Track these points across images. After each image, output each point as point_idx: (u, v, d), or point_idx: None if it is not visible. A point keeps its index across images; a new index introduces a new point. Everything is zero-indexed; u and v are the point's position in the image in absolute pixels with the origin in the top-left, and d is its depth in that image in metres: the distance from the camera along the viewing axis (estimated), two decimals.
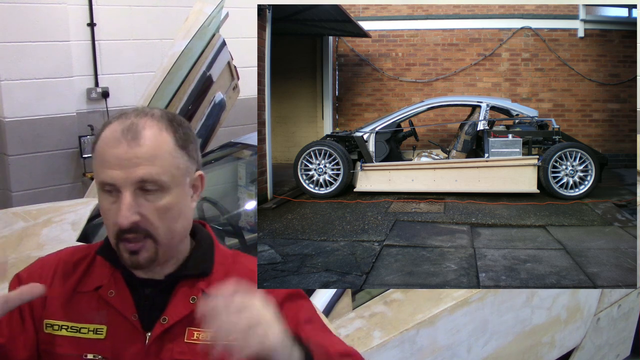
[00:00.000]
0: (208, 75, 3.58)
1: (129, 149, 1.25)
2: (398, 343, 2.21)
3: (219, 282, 1.35)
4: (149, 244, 1.28)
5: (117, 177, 1.24)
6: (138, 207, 1.25)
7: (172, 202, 1.29)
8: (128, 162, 1.24)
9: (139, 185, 1.25)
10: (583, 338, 3.19)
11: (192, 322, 1.32)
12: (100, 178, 1.27)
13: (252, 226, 3.49)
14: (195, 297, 1.34)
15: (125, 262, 1.30)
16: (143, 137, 1.26)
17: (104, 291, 1.35)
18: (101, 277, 1.38)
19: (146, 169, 1.25)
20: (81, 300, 1.36)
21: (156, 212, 1.27)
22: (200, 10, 3.49)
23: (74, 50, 4.86)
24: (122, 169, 1.24)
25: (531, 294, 2.74)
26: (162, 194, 1.27)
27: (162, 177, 1.26)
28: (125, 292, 1.35)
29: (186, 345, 1.32)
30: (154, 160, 1.26)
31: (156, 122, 1.29)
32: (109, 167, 1.25)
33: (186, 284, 1.36)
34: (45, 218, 3.21)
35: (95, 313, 1.35)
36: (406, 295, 2.43)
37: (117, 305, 1.34)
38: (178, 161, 1.30)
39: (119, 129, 1.27)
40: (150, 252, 1.28)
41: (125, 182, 1.24)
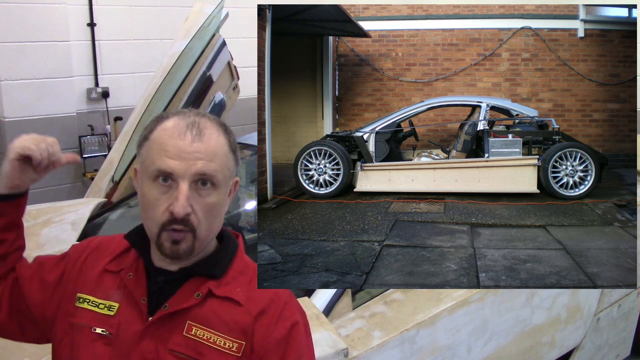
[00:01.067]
0: (208, 75, 3.58)
1: (192, 142, 1.30)
2: (398, 343, 2.21)
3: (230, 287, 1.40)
4: (189, 237, 1.31)
5: (177, 167, 1.28)
6: (191, 200, 1.30)
7: (218, 201, 1.34)
8: (190, 154, 1.29)
9: (195, 179, 1.29)
10: (583, 338, 3.19)
11: (194, 317, 1.35)
12: (156, 165, 1.30)
13: (252, 226, 3.49)
14: (200, 293, 1.37)
15: (165, 251, 1.32)
16: (205, 135, 1.31)
17: (124, 273, 1.43)
18: (127, 261, 1.45)
19: (206, 164, 1.30)
20: (106, 279, 1.44)
21: (204, 208, 1.31)
22: (200, 10, 3.49)
23: (74, 50, 4.86)
24: (184, 160, 1.28)
25: (531, 294, 2.74)
26: (213, 191, 1.32)
27: (218, 174, 1.32)
28: (142, 277, 1.41)
29: (183, 339, 1.34)
30: (213, 157, 1.31)
31: (214, 124, 1.35)
32: (170, 157, 1.29)
33: (197, 280, 1.39)
34: (45, 218, 3.21)
35: (114, 292, 1.42)
36: (406, 295, 2.43)
37: (131, 288, 1.40)
38: (230, 163, 1.37)
39: (182, 123, 1.32)
40: (189, 244, 1.32)
41: (184, 173, 1.28)
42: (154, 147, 1.32)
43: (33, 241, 2.93)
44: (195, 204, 1.30)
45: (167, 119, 1.35)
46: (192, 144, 1.30)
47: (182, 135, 1.30)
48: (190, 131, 1.31)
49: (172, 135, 1.31)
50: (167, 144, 1.30)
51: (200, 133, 1.32)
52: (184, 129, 1.31)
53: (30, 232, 3.03)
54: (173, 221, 1.29)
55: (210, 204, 1.32)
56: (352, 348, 2.09)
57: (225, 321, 1.35)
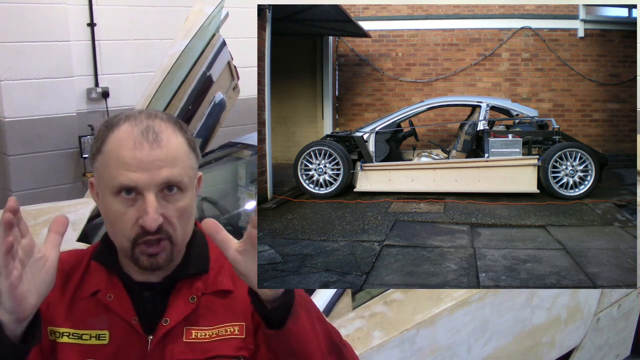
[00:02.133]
0: (208, 75, 3.58)
1: (151, 150, 1.23)
2: (398, 343, 2.21)
3: (214, 279, 1.38)
4: (167, 246, 1.27)
5: (140, 179, 1.22)
6: (161, 209, 1.25)
7: (189, 203, 1.30)
8: (151, 164, 1.22)
9: (161, 187, 1.24)
10: (583, 338, 3.19)
11: (190, 321, 1.33)
12: (117, 181, 1.23)
13: None
14: (194, 296, 1.34)
15: (142, 265, 1.27)
16: (163, 140, 1.25)
17: (102, 295, 1.34)
18: (98, 282, 1.36)
19: (170, 171, 1.24)
20: (81, 306, 1.35)
21: (177, 213, 1.27)
22: (200, 10, 3.49)
23: (74, 50, 4.86)
24: (145, 171, 1.22)
25: (531, 294, 2.74)
26: (181, 194, 1.27)
27: (183, 178, 1.27)
28: (123, 296, 1.34)
29: (185, 345, 1.32)
30: (175, 162, 1.26)
31: (169, 124, 1.29)
32: (131, 170, 1.22)
33: (184, 284, 1.36)
34: (45, 218, 3.21)
35: (96, 319, 1.34)
36: (406, 295, 2.43)
37: (117, 310, 1.33)
38: (192, 162, 1.31)
39: (135, 131, 1.24)
40: (168, 252, 1.28)
41: (149, 184, 1.23)
42: (110, 161, 1.24)
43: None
44: (165, 212, 1.25)
45: (117, 126, 1.26)
46: (152, 152, 1.23)
47: (139, 144, 1.23)
48: (147, 138, 1.23)
49: (127, 145, 1.23)
50: (125, 156, 1.22)
51: (157, 138, 1.24)
52: (139, 137, 1.23)
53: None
54: (145, 234, 1.24)
55: (180, 208, 1.27)
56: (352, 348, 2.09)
57: (222, 313, 1.34)
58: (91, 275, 1.38)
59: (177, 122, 1.33)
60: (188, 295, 1.34)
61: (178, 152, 1.27)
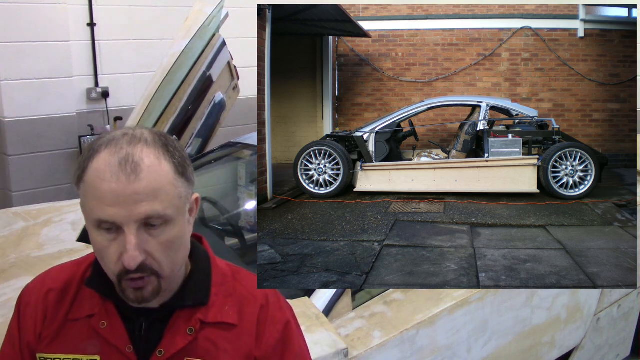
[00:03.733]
0: (208, 75, 3.58)
1: (128, 184, 1.13)
2: (398, 343, 2.21)
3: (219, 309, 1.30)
4: (152, 280, 1.20)
5: (117, 215, 1.14)
6: (143, 245, 1.17)
7: (176, 234, 1.21)
8: (128, 198, 1.13)
9: (142, 222, 1.16)
10: (583, 338, 3.19)
11: (190, 353, 1.27)
12: (95, 215, 1.16)
13: (252, 226, 3.49)
14: (193, 328, 1.28)
15: (128, 298, 1.21)
16: (143, 170, 1.15)
17: (96, 322, 1.28)
18: (92, 306, 1.30)
19: (149, 205, 1.15)
20: (73, 329, 1.30)
21: (161, 247, 1.19)
22: (200, 10, 3.48)
23: (74, 50, 4.86)
24: (123, 206, 1.13)
25: (531, 294, 2.74)
26: (166, 227, 1.19)
27: (167, 211, 1.17)
28: (118, 323, 1.28)
29: None
30: (156, 194, 1.16)
31: (153, 150, 1.18)
32: (107, 204, 1.14)
33: (183, 313, 1.29)
34: (45, 218, 3.21)
35: (87, 343, 1.28)
36: (406, 295, 2.43)
37: (110, 338, 1.27)
38: (180, 190, 1.21)
39: (113, 161, 1.15)
40: (154, 285, 1.21)
41: (128, 220, 1.14)
42: (89, 194, 1.17)
43: (33, 241, 2.94)
44: (148, 247, 1.17)
45: (97, 153, 1.17)
46: (129, 185, 1.13)
47: (115, 177, 1.13)
48: (124, 170, 1.13)
49: (103, 178, 1.14)
50: (101, 190, 1.14)
51: (136, 170, 1.14)
52: (116, 168, 1.14)
53: (30, 232, 3.04)
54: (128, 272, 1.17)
55: (167, 241, 1.19)
56: (352, 348, 2.09)
57: (225, 349, 1.28)
58: (85, 297, 1.32)
59: (165, 144, 1.21)
60: (186, 326, 1.28)
61: (160, 183, 1.16)
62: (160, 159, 1.18)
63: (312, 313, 2.15)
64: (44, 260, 2.67)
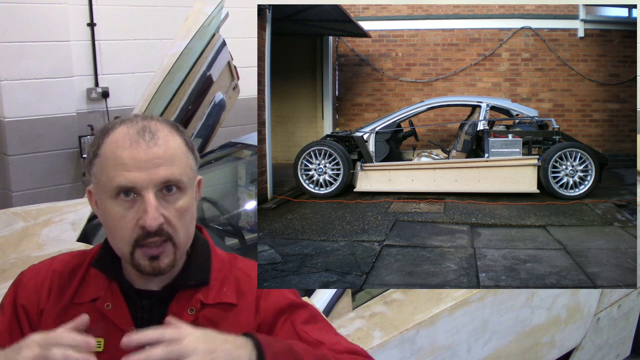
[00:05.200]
0: (208, 75, 3.58)
1: (148, 149, 1.20)
2: (398, 343, 2.21)
3: (217, 291, 1.34)
4: (169, 248, 1.24)
5: (138, 179, 1.19)
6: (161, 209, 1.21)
7: (189, 204, 1.26)
8: (149, 163, 1.20)
9: (160, 187, 1.21)
10: (583, 338, 3.19)
11: None
12: (115, 182, 1.20)
13: (252, 226, 3.49)
14: (194, 308, 1.31)
15: (144, 270, 1.24)
16: (160, 138, 1.23)
17: (101, 304, 1.31)
18: (97, 289, 1.33)
19: (168, 169, 1.21)
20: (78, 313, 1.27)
21: (177, 214, 1.24)
22: (200, 10, 3.48)
23: (74, 50, 4.86)
24: (143, 170, 1.19)
25: (531, 294, 2.74)
26: (180, 194, 1.25)
27: (182, 177, 1.24)
28: (122, 304, 1.31)
29: None
30: (173, 160, 1.23)
31: (165, 125, 1.27)
32: (128, 170, 1.19)
33: (184, 294, 1.32)
34: (45, 218, 3.21)
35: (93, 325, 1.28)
36: (406, 295, 2.43)
37: (114, 319, 1.30)
38: (191, 162, 1.29)
39: (132, 131, 1.22)
40: (170, 256, 1.25)
41: (148, 183, 1.19)
42: (107, 163, 1.21)
43: (33, 241, 2.94)
44: (166, 212, 1.22)
45: (113, 129, 1.24)
46: (149, 150, 1.20)
47: (135, 143, 1.20)
48: (143, 137, 1.21)
49: (124, 145, 1.21)
50: (122, 157, 1.20)
51: (154, 137, 1.22)
52: (135, 136, 1.21)
53: (30, 232, 3.04)
54: (146, 236, 1.21)
55: (181, 208, 1.24)
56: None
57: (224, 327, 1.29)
58: (90, 282, 1.35)
59: (174, 124, 1.31)
60: (187, 306, 1.31)
61: (176, 151, 1.25)
62: (173, 133, 1.27)
63: None
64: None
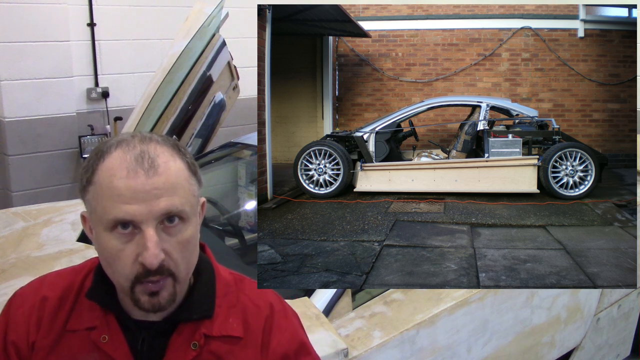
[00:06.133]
0: (208, 75, 3.58)
1: (147, 179, 1.11)
2: (398, 343, 2.21)
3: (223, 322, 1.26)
4: (169, 283, 1.16)
5: (137, 212, 1.10)
6: (162, 244, 1.13)
7: (192, 234, 1.18)
8: (148, 194, 1.10)
9: (161, 219, 1.12)
10: (583, 338, 3.19)
11: None
12: (111, 215, 1.11)
13: (252, 226, 3.49)
14: (197, 342, 1.23)
15: (143, 307, 1.16)
16: (160, 166, 1.13)
17: (97, 336, 1.23)
18: (92, 318, 1.25)
19: (169, 200, 1.12)
20: (71, 341, 1.25)
21: (178, 247, 1.15)
22: (200, 10, 3.48)
23: (74, 50, 4.86)
24: (142, 202, 1.10)
25: (531, 294, 2.74)
26: (183, 225, 1.16)
27: (185, 207, 1.15)
28: (119, 337, 1.23)
29: None
30: (175, 189, 1.13)
31: (166, 148, 1.17)
32: (126, 202, 1.10)
33: (187, 326, 1.24)
34: (45, 218, 3.21)
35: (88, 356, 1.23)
36: (406, 295, 2.43)
37: (111, 353, 1.22)
38: (194, 188, 1.20)
39: (128, 157, 1.12)
40: (170, 290, 1.16)
41: (147, 217, 1.10)
42: (102, 193, 1.12)
43: (33, 241, 2.93)
44: (167, 246, 1.13)
45: (108, 154, 1.14)
46: (148, 180, 1.10)
47: (133, 172, 1.10)
48: (142, 165, 1.11)
49: (120, 175, 1.11)
50: (118, 187, 1.10)
51: (153, 164, 1.12)
52: (133, 164, 1.11)
53: (30, 232, 3.03)
54: (147, 273, 1.12)
55: (183, 240, 1.16)
56: (352, 348, 2.09)
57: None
58: (84, 309, 1.26)
59: (175, 144, 1.20)
60: (190, 340, 1.23)
61: (178, 178, 1.15)
62: (174, 157, 1.17)
63: (312, 313, 2.15)
64: (44, 260, 2.67)
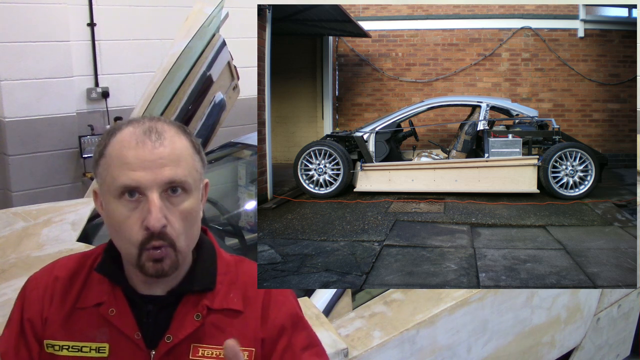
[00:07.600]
0: (208, 75, 3.58)
1: (153, 149, 1.20)
2: (398, 343, 2.21)
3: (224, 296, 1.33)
4: (170, 252, 1.22)
5: (142, 178, 1.18)
6: (165, 211, 1.20)
7: (193, 206, 1.25)
8: (153, 163, 1.19)
9: (164, 187, 1.20)
10: (583, 338, 3.19)
11: (197, 338, 1.29)
12: (119, 182, 1.19)
13: (252, 226, 3.49)
14: (200, 314, 1.30)
15: (148, 272, 1.23)
16: (166, 138, 1.22)
17: (105, 309, 1.30)
18: (100, 294, 1.32)
19: (173, 170, 1.21)
20: (81, 317, 1.32)
21: (180, 217, 1.22)
22: (200, 10, 3.48)
23: (74, 50, 4.86)
24: (148, 170, 1.19)
25: (531, 294, 2.74)
26: (185, 196, 1.23)
27: (187, 178, 1.23)
28: (126, 310, 1.30)
29: None
30: (179, 161, 1.22)
31: (172, 127, 1.27)
32: (133, 169, 1.19)
33: (190, 299, 1.31)
34: (45, 218, 3.21)
35: (96, 331, 1.30)
36: (406, 295, 2.43)
37: (119, 324, 1.29)
38: (197, 165, 1.28)
39: (138, 131, 1.22)
40: (172, 259, 1.23)
41: (152, 183, 1.19)
42: (112, 163, 1.21)
43: (33, 241, 2.93)
44: (169, 214, 1.21)
45: (120, 130, 1.25)
46: (154, 150, 1.20)
47: (141, 143, 1.20)
48: (149, 137, 1.21)
49: (129, 145, 1.20)
50: (127, 156, 1.19)
51: (160, 137, 1.22)
52: (142, 136, 1.21)
53: (30, 232, 3.03)
54: (151, 238, 1.20)
55: (185, 211, 1.23)
56: (352, 348, 2.09)
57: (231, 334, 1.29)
58: (93, 286, 1.34)
59: (181, 126, 1.30)
60: (193, 312, 1.30)
61: (182, 152, 1.24)
62: (180, 134, 1.27)
63: (312, 313, 2.15)
64: (44, 260, 2.66)
